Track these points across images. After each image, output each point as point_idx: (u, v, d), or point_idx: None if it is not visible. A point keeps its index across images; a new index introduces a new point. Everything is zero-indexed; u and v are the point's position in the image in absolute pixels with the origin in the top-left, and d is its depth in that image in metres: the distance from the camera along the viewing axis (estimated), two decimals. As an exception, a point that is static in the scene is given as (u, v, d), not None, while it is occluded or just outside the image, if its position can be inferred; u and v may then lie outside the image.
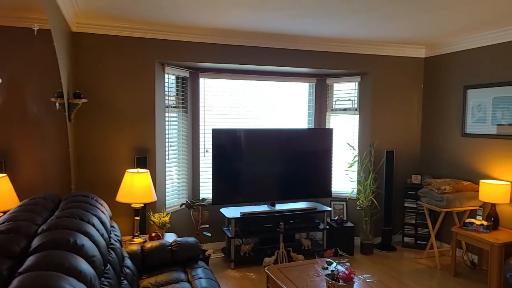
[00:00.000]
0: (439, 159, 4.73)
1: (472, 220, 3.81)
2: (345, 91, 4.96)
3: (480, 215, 4.06)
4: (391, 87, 4.80)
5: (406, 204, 4.73)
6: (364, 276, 2.72)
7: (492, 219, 3.81)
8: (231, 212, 4.22)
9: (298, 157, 4.49)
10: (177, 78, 4.36)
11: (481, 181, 3.88)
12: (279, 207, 4.43)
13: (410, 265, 4.23)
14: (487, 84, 4.06)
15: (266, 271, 3.02)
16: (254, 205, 4.49)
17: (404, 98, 4.88)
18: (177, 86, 4.37)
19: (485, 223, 3.71)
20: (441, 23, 3.60)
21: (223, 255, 4.38)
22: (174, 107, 4.32)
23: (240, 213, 4.15)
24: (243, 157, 4.27)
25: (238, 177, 4.27)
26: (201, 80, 4.47)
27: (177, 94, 4.37)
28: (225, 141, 4.19)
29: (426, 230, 4.57)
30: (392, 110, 4.83)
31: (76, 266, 1.64)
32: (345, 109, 4.96)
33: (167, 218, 3.59)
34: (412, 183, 4.74)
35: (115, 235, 2.69)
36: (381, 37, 4.22)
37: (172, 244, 2.99)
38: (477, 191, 4.03)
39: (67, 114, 3.12)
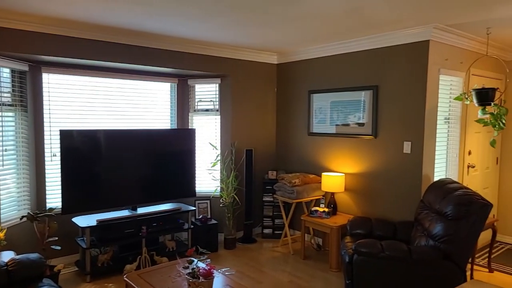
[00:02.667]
0: (291, 155, 5.26)
1: (317, 208, 4.35)
2: (207, 92, 5.07)
3: (323, 203, 4.67)
4: (249, 89, 5.12)
5: (264, 198, 5.12)
6: (223, 269, 2.83)
7: (332, 206, 4.43)
8: (86, 220, 3.86)
9: (160, 158, 4.39)
10: (12, 71, 3.76)
11: (323, 173, 4.46)
12: (141, 210, 4.25)
13: (268, 254, 4.58)
14: (326, 89, 4.70)
15: (125, 278, 2.87)
16: (113, 211, 4.21)
17: (261, 100, 5.27)
18: (12, 81, 3.77)
19: (326, 210, 4.29)
20: (288, 33, 4.00)
21: (77, 269, 3.97)
22: (10, 105, 3.72)
23: (96, 220, 3.83)
24: (99, 160, 3.95)
25: (93, 182, 3.93)
26: (45, 76, 3.96)
27: (13, 91, 3.77)
28: (77, 143, 3.82)
29: (282, 220, 5.03)
30: (250, 111, 5.15)
31: None
32: (207, 110, 5.07)
33: (1, 234, 3.06)
34: (269, 178, 5.15)
35: None
36: (238, 42, 4.46)
37: (8, 263, 2.60)
38: (320, 182, 4.62)
39: None
